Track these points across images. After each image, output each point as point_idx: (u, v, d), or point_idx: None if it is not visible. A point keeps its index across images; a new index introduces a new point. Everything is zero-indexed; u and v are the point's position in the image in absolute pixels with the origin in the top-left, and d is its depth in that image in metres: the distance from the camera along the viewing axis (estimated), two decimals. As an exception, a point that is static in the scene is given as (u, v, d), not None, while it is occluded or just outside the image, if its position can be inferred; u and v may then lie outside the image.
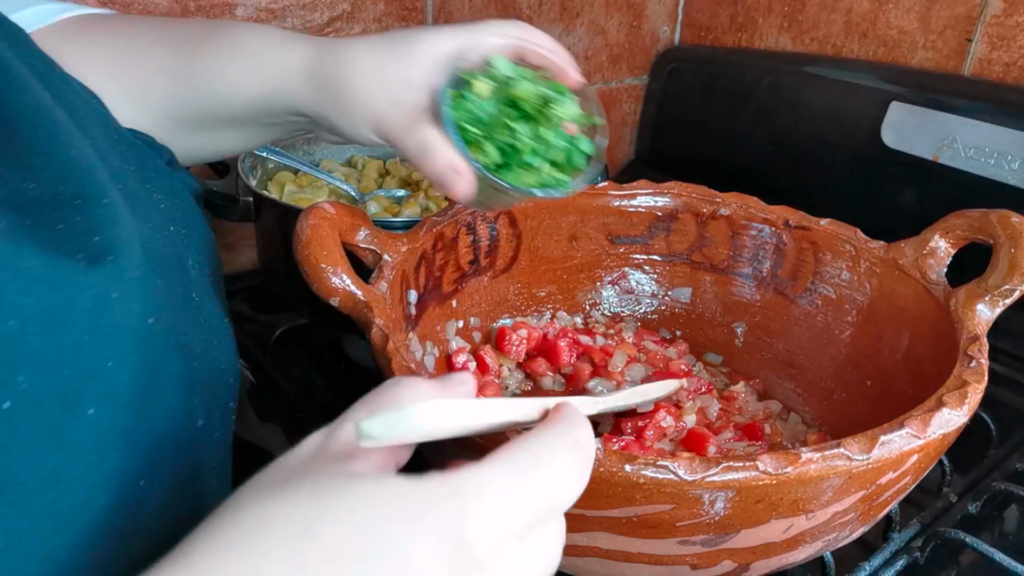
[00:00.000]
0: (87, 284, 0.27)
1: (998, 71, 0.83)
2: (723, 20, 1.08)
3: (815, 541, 0.40)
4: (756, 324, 0.64)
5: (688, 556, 0.39)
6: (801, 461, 0.35)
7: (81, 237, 0.28)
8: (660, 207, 0.65)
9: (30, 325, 0.25)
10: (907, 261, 0.54)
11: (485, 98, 0.46)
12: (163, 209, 0.38)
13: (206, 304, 0.38)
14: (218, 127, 0.50)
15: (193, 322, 0.35)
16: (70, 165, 0.30)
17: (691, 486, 0.34)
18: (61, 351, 0.26)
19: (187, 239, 0.39)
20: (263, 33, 0.48)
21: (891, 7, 0.89)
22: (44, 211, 0.28)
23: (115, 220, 0.29)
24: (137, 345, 0.28)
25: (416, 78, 0.44)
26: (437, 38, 0.45)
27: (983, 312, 0.48)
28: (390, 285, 0.50)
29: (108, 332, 0.27)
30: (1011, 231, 0.48)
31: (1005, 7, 0.80)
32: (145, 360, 0.29)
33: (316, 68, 0.46)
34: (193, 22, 0.50)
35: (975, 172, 0.77)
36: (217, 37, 0.48)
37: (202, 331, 0.36)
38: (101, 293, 0.27)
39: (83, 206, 0.29)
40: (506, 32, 0.47)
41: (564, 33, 1.02)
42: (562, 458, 0.25)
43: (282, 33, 0.48)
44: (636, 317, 0.68)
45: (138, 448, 0.28)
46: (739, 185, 0.65)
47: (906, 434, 0.37)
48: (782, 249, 0.62)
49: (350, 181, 0.79)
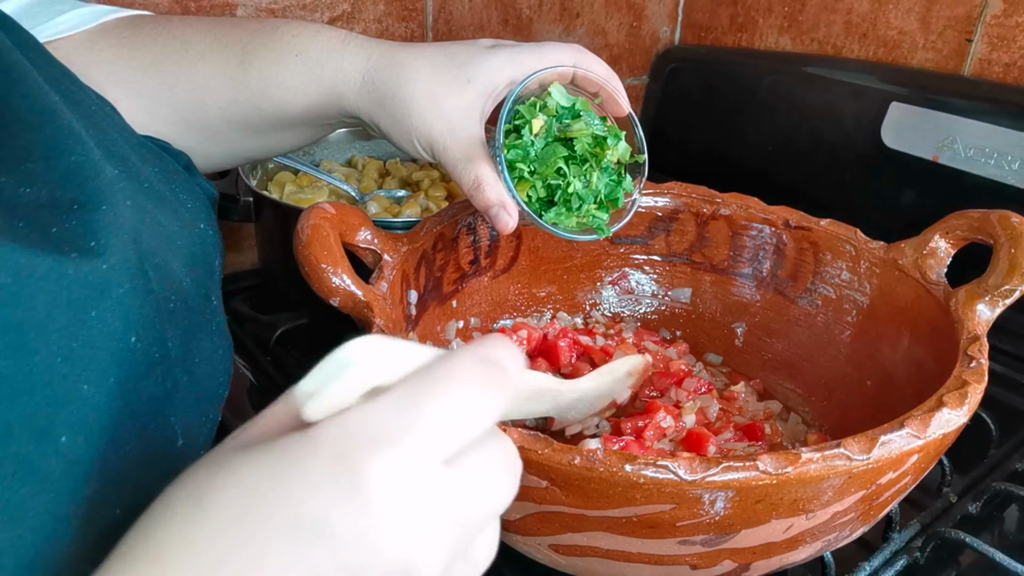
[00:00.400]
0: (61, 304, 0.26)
1: (998, 71, 0.83)
2: (723, 20, 1.08)
3: (815, 541, 0.40)
4: (756, 324, 0.64)
5: (688, 556, 0.39)
6: (801, 461, 0.35)
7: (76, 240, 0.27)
8: (660, 207, 0.65)
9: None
10: (907, 261, 0.54)
11: (538, 134, 0.47)
12: (190, 208, 0.38)
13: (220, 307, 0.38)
14: (274, 129, 0.51)
15: (200, 331, 0.35)
16: (71, 171, 0.30)
17: (691, 486, 0.34)
18: (31, 374, 0.24)
19: (214, 239, 0.39)
20: (316, 34, 0.48)
21: (891, 7, 0.89)
22: (39, 215, 0.27)
23: (113, 227, 0.29)
24: (115, 367, 0.27)
25: (472, 107, 0.46)
26: (493, 63, 0.46)
27: (983, 312, 0.48)
28: (390, 285, 0.50)
29: (83, 354, 0.26)
30: (1011, 231, 0.48)
31: (1005, 7, 0.81)
32: (123, 382, 0.28)
33: (372, 80, 0.47)
34: (240, 23, 0.50)
35: (975, 172, 0.77)
36: (269, 38, 0.48)
37: (210, 336, 0.36)
38: (77, 312, 0.26)
39: (80, 211, 0.28)
40: (562, 57, 0.48)
41: (564, 34, 1.02)
42: (466, 374, 0.22)
43: (336, 34, 0.48)
44: (636, 317, 0.68)
45: (112, 476, 0.27)
46: (739, 185, 0.65)
47: (906, 434, 0.37)
48: (782, 249, 0.62)
49: (350, 181, 0.79)
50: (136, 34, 0.48)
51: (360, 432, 0.21)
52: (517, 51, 0.47)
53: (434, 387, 0.22)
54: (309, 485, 0.20)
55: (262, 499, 0.20)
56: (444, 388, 0.22)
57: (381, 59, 0.47)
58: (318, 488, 0.20)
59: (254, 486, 0.21)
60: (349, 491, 0.20)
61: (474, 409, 0.22)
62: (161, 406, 0.30)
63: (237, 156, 0.54)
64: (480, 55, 0.47)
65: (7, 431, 0.24)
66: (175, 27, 0.49)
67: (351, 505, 0.20)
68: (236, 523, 0.20)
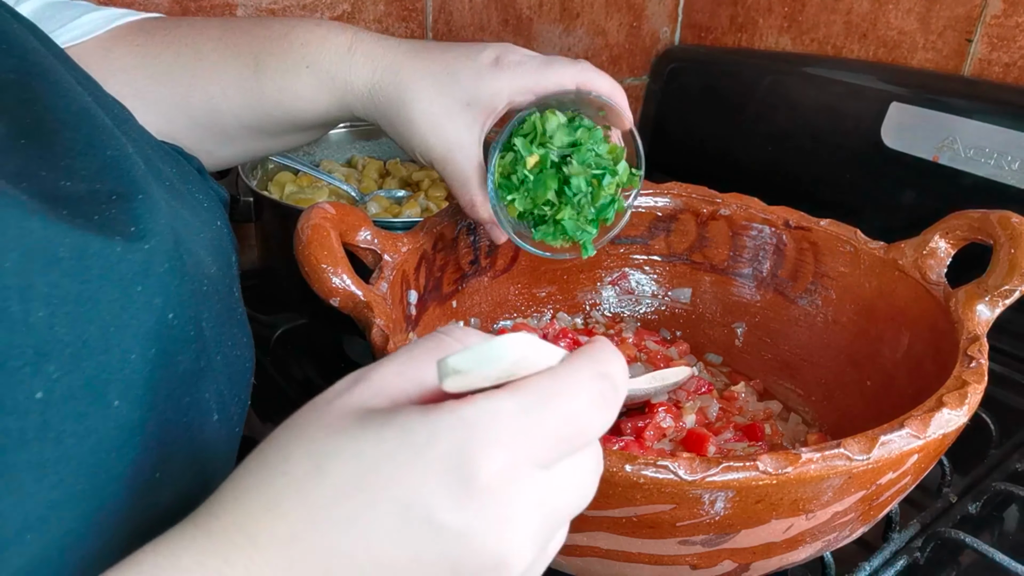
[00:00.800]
0: (113, 278, 0.27)
1: (998, 71, 0.83)
2: (723, 20, 1.08)
3: (815, 541, 0.40)
4: (756, 324, 0.64)
5: (688, 556, 0.39)
6: (801, 461, 0.35)
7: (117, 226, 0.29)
8: (660, 207, 0.65)
9: (57, 316, 0.25)
10: (907, 261, 0.54)
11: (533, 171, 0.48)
12: (206, 208, 0.39)
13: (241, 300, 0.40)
14: (289, 132, 0.54)
15: (229, 317, 0.36)
16: (108, 164, 0.31)
17: (691, 486, 0.34)
18: (88, 342, 0.26)
19: (229, 237, 0.41)
20: (323, 42, 0.49)
21: (891, 7, 0.89)
22: (80, 206, 0.29)
23: (151, 214, 0.30)
24: (155, 340, 0.29)
25: (471, 128, 0.48)
26: (495, 85, 0.47)
27: (983, 312, 0.48)
28: (390, 285, 0.50)
29: (132, 325, 0.28)
30: (1011, 231, 0.48)
31: (1005, 7, 0.81)
32: (161, 355, 0.29)
33: (376, 95, 0.49)
34: (249, 28, 0.51)
35: (975, 172, 0.77)
36: (279, 48, 0.49)
37: (237, 326, 0.38)
38: (126, 287, 0.28)
39: (119, 201, 0.30)
40: (564, 79, 0.48)
41: (564, 34, 1.02)
42: (584, 388, 0.24)
43: (342, 39, 0.49)
44: (636, 317, 0.68)
45: (152, 441, 0.29)
46: (739, 185, 0.65)
47: (906, 434, 0.37)
48: (782, 249, 0.62)
49: (350, 181, 0.79)
50: (149, 41, 0.49)
51: (480, 431, 0.22)
52: (520, 71, 0.48)
53: (555, 399, 0.23)
54: (424, 474, 0.22)
55: (377, 478, 0.22)
56: (564, 402, 0.23)
57: (386, 73, 0.48)
58: (432, 479, 0.22)
59: (373, 463, 0.22)
60: (460, 487, 0.22)
61: (586, 426, 0.24)
62: (196, 381, 0.32)
63: (250, 155, 0.56)
64: (482, 75, 0.48)
65: (71, 394, 0.25)
66: (185, 34, 0.50)
67: (460, 501, 0.22)
68: (352, 493, 0.22)
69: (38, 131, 0.31)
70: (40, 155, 0.30)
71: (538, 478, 0.23)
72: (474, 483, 0.22)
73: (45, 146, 0.31)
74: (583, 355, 0.25)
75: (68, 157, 0.31)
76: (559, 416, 0.23)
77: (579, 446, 0.24)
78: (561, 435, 0.23)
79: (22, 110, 0.31)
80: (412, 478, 0.22)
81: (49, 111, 0.32)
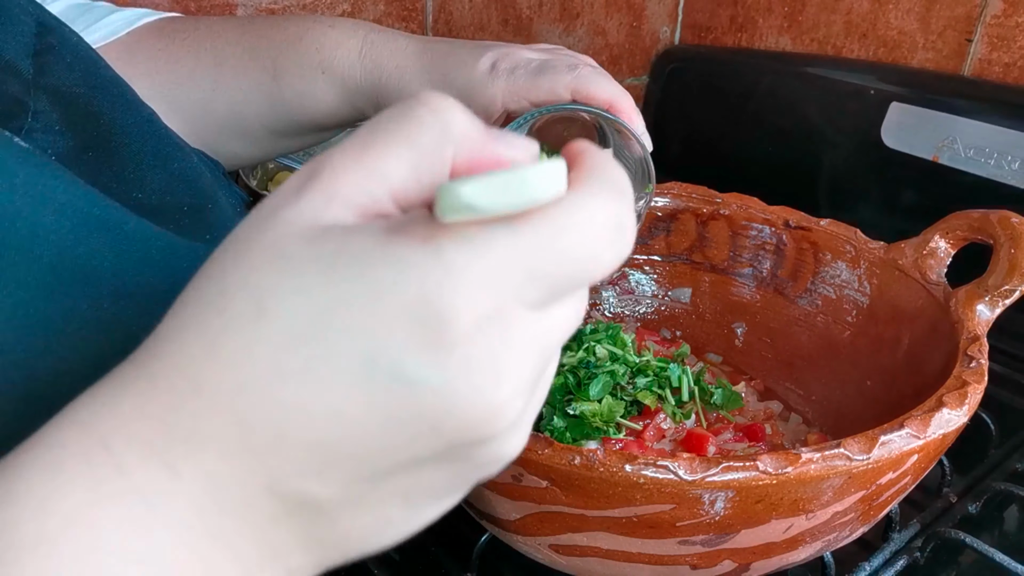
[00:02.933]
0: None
1: (998, 71, 0.83)
2: (723, 20, 1.08)
3: (815, 541, 0.40)
4: (756, 324, 0.64)
5: (688, 556, 0.39)
6: (801, 461, 0.35)
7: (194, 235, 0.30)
8: (660, 207, 0.65)
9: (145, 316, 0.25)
10: (907, 261, 0.54)
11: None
12: (239, 212, 0.40)
13: None
14: (311, 132, 0.55)
15: None
16: (177, 176, 0.32)
17: (691, 486, 0.34)
18: None
19: None
20: (336, 47, 0.50)
21: (891, 7, 0.89)
22: (155, 216, 0.29)
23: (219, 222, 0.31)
24: None
25: None
26: (488, 89, 0.47)
27: (983, 312, 0.48)
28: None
29: None
30: (1011, 231, 0.48)
31: (1005, 7, 0.80)
32: None
33: (384, 100, 0.50)
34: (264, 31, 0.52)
35: (975, 172, 0.77)
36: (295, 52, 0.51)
37: None
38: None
39: (191, 212, 0.31)
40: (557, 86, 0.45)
41: (564, 33, 1.02)
42: (598, 222, 0.20)
43: (353, 42, 0.50)
44: (636, 317, 0.68)
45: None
46: (739, 185, 0.65)
47: (906, 434, 0.37)
48: (782, 249, 0.62)
49: (350, 181, 0.79)
50: (169, 45, 0.50)
51: (459, 273, 0.18)
52: (512, 79, 0.47)
53: (563, 236, 0.19)
54: (390, 324, 0.18)
55: (331, 324, 0.18)
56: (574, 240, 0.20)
57: (390, 79, 0.49)
58: (399, 329, 0.18)
59: (324, 306, 0.18)
60: (434, 338, 0.18)
61: (594, 267, 0.20)
62: None
63: (272, 155, 0.58)
64: (475, 83, 0.47)
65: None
66: (204, 37, 0.51)
67: (436, 355, 0.18)
68: (303, 342, 0.18)
69: (105, 145, 0.31)
70: (109, 168, 0.30)
71: (528, 320, 0.20)
72: (451, 332, 0.18)
73: (113, 159, 0.31)
74: (600, 194, 0.20)
75: (137, 170, 0.31)
76: (564, 256, 0.19)
77: (580, 285, 0.21)
78: (562, 274, 0.20)
79: (88, 124, 0.31)
80: (374, 328, 0.18)
81: (115, 124, 0.32)
